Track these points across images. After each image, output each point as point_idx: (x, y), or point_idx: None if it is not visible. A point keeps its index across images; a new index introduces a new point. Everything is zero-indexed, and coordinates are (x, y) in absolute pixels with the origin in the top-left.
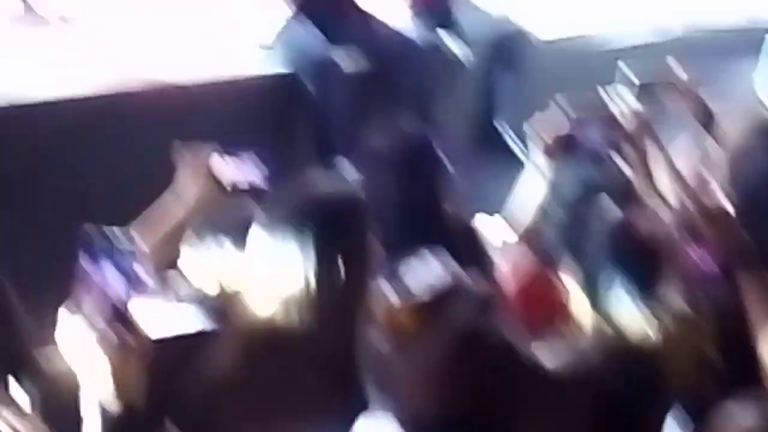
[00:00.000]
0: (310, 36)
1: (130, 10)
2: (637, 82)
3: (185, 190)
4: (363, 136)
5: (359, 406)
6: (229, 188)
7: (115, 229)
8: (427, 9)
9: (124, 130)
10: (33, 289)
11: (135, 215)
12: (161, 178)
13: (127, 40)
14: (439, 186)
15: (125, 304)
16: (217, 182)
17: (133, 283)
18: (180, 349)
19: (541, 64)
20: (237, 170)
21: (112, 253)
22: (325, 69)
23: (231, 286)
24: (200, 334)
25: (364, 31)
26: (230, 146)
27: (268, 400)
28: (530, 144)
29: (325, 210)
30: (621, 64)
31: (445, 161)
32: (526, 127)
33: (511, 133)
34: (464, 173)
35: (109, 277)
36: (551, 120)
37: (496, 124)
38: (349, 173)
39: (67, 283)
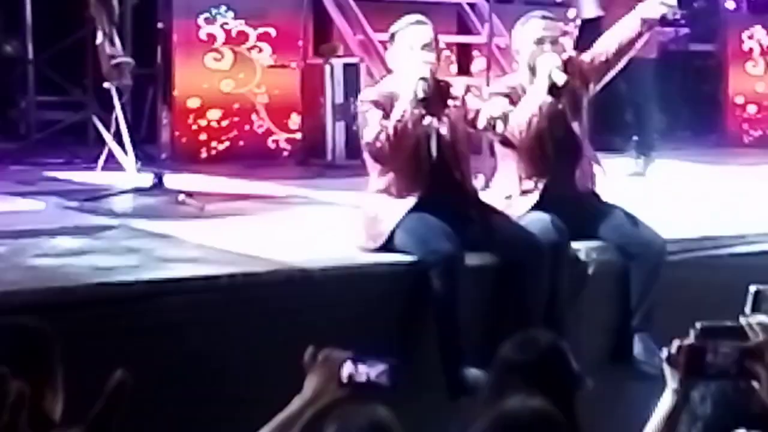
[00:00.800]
0: (433, 227)
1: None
2: (753, 288)
3: (314, 396)
4: (492, 342)
5: None
6: (359, 395)
7: None
8: (559, 206)
9: (246, 315)
10: None
11: (261, 410)
12: (285, 367)
13: (257, 223)
14: (573, 401)
15: None
16: (348, 389)
17: None
18: None
19: (672, 274)
20: (367, 378)
21: None
22: (448, 262)
23: None
24: None
25: (487, 226)
26: (361, 352)
27: None
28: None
29: None
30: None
31: (579, 376)
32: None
33: (646, 347)
34: (598, 388)
35: None
36: (683, 338)
37: (635, 337)
38: (476, 379)
39: None
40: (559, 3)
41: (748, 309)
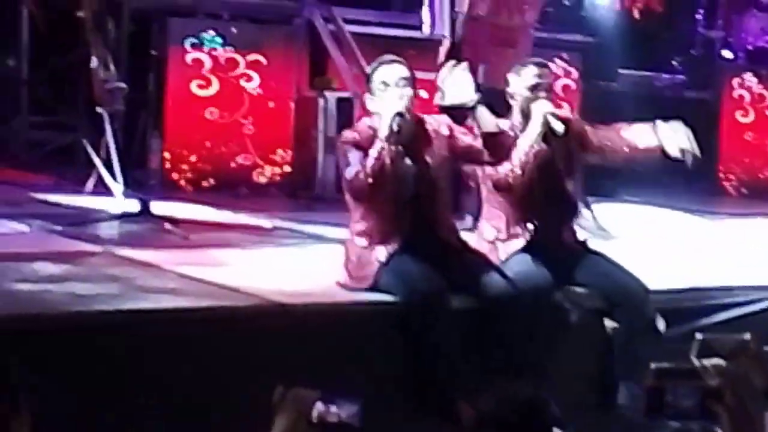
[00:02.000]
0: (416, 268)
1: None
2: (698, 336)
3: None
4: (472, 394)
5: None
6: None
7: None
8: (544, 252)
9: (224, 349)
10: None
11: None
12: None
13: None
14: None
15: None
16: (318, 429)
17: None
18: None
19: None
20: (338, 418)
21: None
22: (430, 301)
23: None
24: None
25: (468, 267)
26: (333, 393)
27: None
28: None
29: None
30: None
31: (560, 425)
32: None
33: (630, 394)
34: None
35: None
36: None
37: (620, 384)
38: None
39: None
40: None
41: (693, 356)
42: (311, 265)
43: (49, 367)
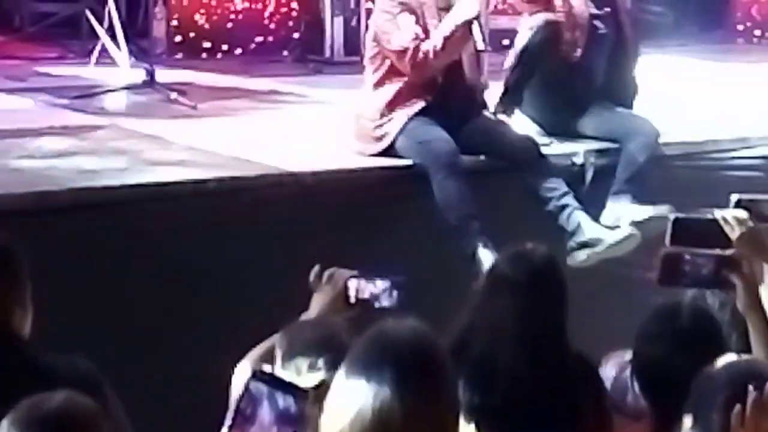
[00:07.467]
0: (436, 132)
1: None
2: (734, 197)
3: (321, 314)
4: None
5: None
6: (368, 313)
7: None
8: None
9: (235, 221)
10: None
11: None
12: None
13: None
14: (562, 316)
15: None
16: (356, 308)
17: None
18: None
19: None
20: (371, 295)
21: (273, 393)
22: (449, 164)
23: None
24: None
25: (489, 131)
26: (367, 271)
27: None
28: None
29: (400, 358)
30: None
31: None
32: None
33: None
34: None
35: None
36: None
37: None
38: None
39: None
40: None
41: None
42: (322, 131)
43: (53, 246)
